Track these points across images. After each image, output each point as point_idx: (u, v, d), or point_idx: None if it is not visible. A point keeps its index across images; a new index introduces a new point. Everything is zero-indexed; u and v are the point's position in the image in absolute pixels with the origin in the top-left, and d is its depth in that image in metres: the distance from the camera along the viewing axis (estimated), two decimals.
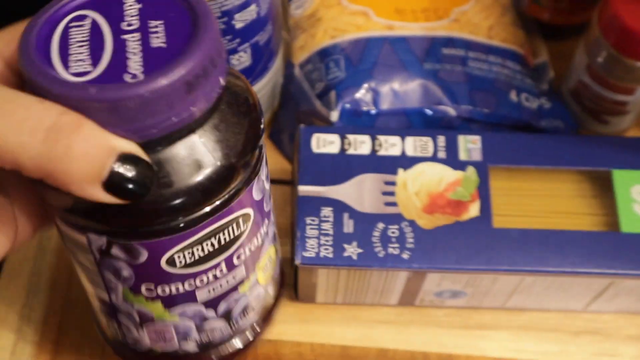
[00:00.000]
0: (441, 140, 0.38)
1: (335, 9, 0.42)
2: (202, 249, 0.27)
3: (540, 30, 0.46)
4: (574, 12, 0.46)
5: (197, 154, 0.25)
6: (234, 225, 0.28)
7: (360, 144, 0.38)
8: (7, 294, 0.41)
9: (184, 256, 0.27)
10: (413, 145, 0.38)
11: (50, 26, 0.25)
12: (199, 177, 0.25)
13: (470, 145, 0.38)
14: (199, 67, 0.24)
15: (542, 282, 0.36)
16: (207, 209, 0.26)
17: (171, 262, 0.27)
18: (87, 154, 0.22)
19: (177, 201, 0.25)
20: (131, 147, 0.23)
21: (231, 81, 0.27)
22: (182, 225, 0.26)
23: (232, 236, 0.28)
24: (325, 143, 0.38)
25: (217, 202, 0.26)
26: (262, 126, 0.28)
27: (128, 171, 0.23)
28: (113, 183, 0.23)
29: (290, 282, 0.39)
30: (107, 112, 0.23)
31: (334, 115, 0.39)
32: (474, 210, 0.36)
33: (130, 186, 0.23)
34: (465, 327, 0.40)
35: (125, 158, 0.23)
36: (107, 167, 0.22)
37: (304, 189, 0.37)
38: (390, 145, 0.38)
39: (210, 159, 0.25)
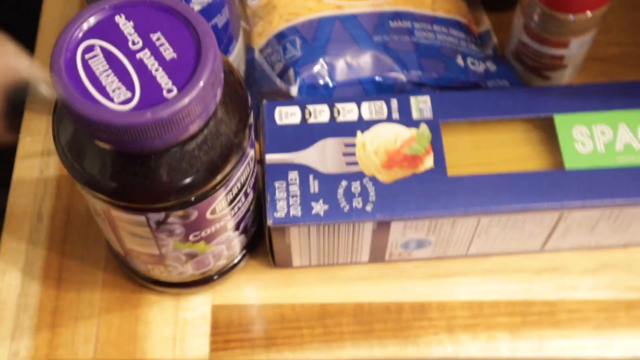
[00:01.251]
0: (394, 102, 0.41)
1: None
2: (232, 193, 0.35)
3: (481, 2, 0.50)
4: None
5: (219, 133, 0.32)
6: (247, 167, 0.35)
7: (320, 113, 0.41)
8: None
9: (221, 204, 0.34)
10: (369, 109, 0.41)
11: (70, 61, 0.29)
12: (228, 148, 0.32)
13: (421, 105, 0.41)
14: (215, 67, 0.29)
15: (497, 222, 0.39)
16: (229, 167, 0.33)
17: (213, 211, 0.34)
18: None
19: (210, 175, 0.32)
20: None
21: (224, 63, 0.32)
22: (217, 185, 0.33)
23: (247, 175, 0.36)
24: (287, 115, 0.41)
25: (235, 160, 0.33)
26: (249, 97, 0.34)
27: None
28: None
29: (266, 250, 0.42)
30: (158, 127, 0.28)
31: (294, 90, 0.42)
32: (428, 162, 0.39)
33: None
34: (435, 277, 0.43)
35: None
36: None
37: (270, 157, 0.39)
38: (348, 112, 0.41)
39: (230, 131, 0.32)
